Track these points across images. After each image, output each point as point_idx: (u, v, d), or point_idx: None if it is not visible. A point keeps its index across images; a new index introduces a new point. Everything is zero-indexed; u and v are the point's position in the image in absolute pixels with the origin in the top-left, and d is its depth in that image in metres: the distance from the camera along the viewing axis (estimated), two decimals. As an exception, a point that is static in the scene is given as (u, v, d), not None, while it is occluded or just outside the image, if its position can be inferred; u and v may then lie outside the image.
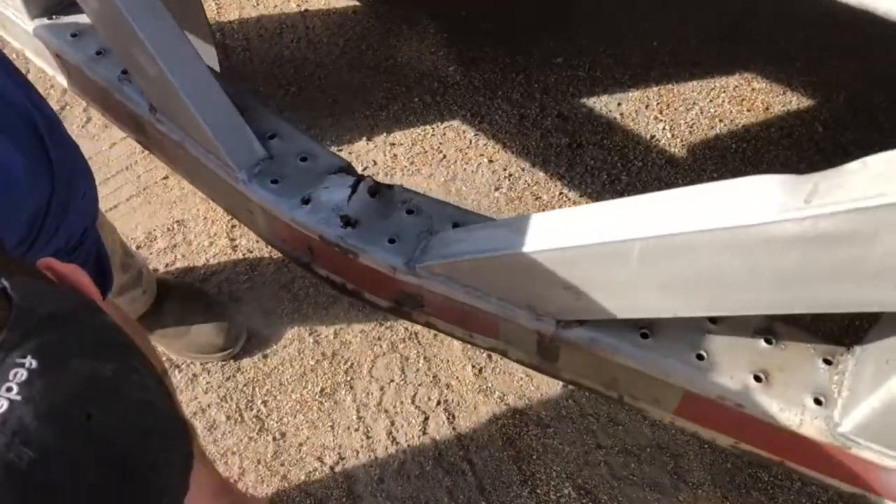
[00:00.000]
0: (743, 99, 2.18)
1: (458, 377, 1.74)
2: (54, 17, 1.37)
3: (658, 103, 2.17)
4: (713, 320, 0.96)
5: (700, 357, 0.93)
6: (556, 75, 2.26)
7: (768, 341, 0.95)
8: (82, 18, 1.17)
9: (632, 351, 0.94)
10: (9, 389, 0.42)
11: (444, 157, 2.08)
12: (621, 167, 2.04)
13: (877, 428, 0.83)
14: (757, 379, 0.92)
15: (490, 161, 2.07)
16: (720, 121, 2.13)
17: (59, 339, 0.46)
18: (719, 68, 2.25)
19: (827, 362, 0.92)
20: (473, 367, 1.75)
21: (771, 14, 2.33)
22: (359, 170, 2.04)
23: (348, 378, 1.74)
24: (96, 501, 0.43)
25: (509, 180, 2.03)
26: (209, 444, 1.63)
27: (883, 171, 0.58)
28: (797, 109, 2.15)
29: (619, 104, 2.18)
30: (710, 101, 2.18)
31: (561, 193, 2.00)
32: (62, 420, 0.43)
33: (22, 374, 0.43)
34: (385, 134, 2.13)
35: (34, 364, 0.43)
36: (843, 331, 1.69)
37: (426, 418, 1.68)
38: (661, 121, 2.13)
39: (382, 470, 1.61)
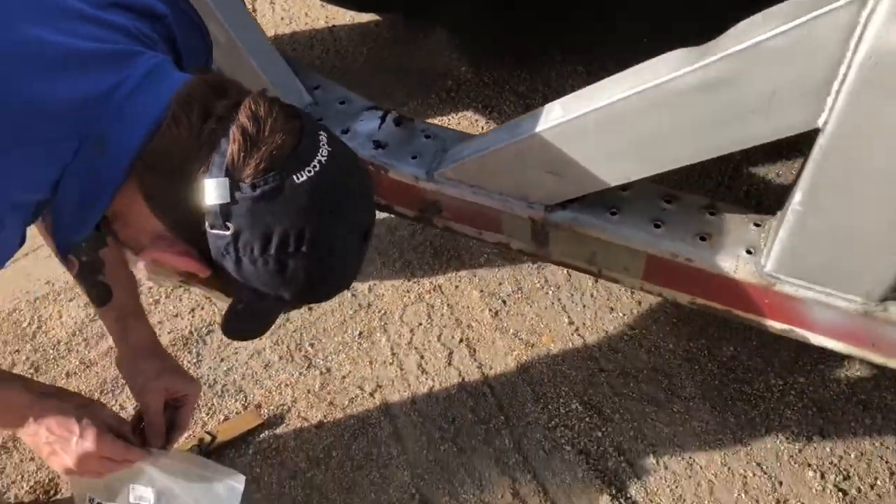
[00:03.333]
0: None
1: (477, 319, 2.00)
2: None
3: (647, 88, 2.45)
4: (668, 200, 1.23)
5: (657, 226, 1.20)
6: (556, 71, 2.55)
7: (711, 213, 1.21)
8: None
9: (604, 225, 1.21)
10: (324, 145, 0.88)
11: (460, 141, 2.37)
12: (616, 142, 2.31)
13: (788, 260, 1.08)
14: (702, 238, 1.18)
15: (500, 142, 2.35)
16: (703, 100, 2.40)
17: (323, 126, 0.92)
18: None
19: (757, 225, 1.18)
20: (490, 310, 2.01)
21: None
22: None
23: (382, 323, 2.00)
24: (364, 191, 0.95)
25: (517, 157, 2.31)
26: (265, 380, 1.90)
27: (747, 28, 0.85)
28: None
29: (612, 90, 2.46)
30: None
31: (563, 166, 2.27)
32: (344, 158, 0.92)
33: (324, 140, 0.89)
34: (407, 124, 2.43)
35: (325, 136, 0.89)
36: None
37: (451, 353, 1.94)
38: (650, 102, 2.41)
39: (414, 395, 1.87)
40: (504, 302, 2.02)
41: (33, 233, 2.33)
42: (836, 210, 0.96)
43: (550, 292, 2.04)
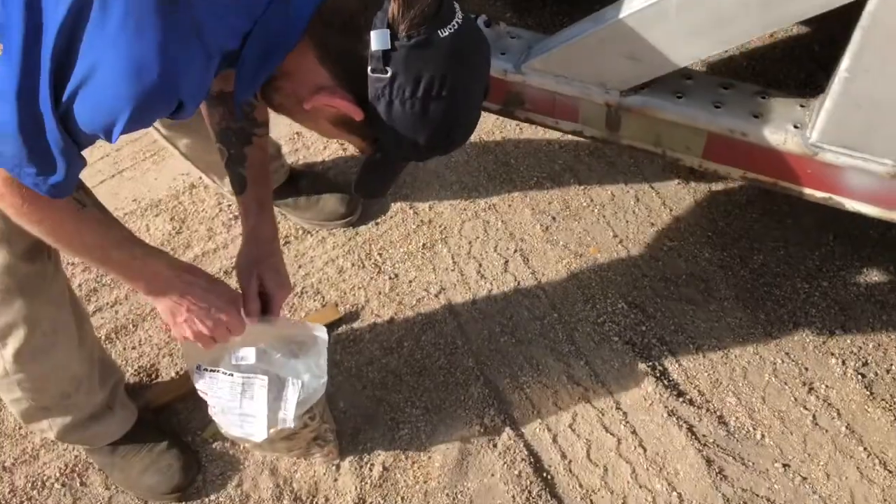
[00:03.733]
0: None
1: (529, 233, 2.20)
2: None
3: (679, 34, 2.65)
4: (725, 87, 1.43)
5: (717, 107, 1.40)
6: (594, 20, 2.75)
7: (763, 97, 1.41)
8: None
9: (672, 107, 1.40)
10: (458, 11, 1.05)
11: (507, 80, 2.57)
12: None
13: (831, 129, 1.28)
14: (755, 116, 1.38)
15: (544, 82, 2.55)
16: (731, 45, 2.60)
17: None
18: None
19: (802, 106, 1.38)
20: (541, 225, 2.21)
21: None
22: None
23: (443, 236, 2.20)
24: (486, 52, 1.14)
25: (561, 94, 2.51)
26: (340, 283, 2.10)
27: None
28: (797, 34, 2.61)
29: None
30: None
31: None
32: (473, 25, 1.10)
33: (457, 7, 1.04)
34: (457, 65, 2.63)
35: (460, 13, 1.05)
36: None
37: (506, 262, 2.14)
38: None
39: (475, 296, 2.07)
40: (553, 218, 2.22)
41: (116, 160, 2.50)
42: (879, 74, 1.15)
43: (596, 210, 2.24)
